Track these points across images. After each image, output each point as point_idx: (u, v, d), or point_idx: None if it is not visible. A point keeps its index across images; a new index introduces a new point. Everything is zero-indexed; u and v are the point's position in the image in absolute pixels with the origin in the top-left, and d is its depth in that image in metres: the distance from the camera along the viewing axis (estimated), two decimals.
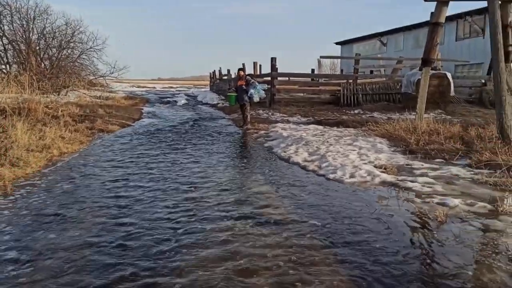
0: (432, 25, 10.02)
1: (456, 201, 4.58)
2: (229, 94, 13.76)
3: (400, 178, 5.79)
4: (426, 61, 10.19)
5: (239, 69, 13.38)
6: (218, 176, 6.08)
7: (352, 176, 5.94)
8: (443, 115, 14.25)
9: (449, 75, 15.64)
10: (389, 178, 5.78)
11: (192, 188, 5.38)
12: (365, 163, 6.67)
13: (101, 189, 5.33)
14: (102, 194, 5.09)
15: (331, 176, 6.04)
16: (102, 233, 3.81)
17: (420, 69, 10.81)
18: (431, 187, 5.27)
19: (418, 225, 3.99)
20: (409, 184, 5.44)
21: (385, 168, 6.28)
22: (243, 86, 12.49)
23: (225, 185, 5.55)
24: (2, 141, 7.96)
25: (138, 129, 11.95)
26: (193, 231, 3.85)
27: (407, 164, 6.66)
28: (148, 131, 11.48)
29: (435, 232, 3.77)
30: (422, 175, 5.93)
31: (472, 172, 6.00)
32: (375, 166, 6.47)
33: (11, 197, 4.88)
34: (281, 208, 4.56)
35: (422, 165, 6.57)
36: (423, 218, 4.18)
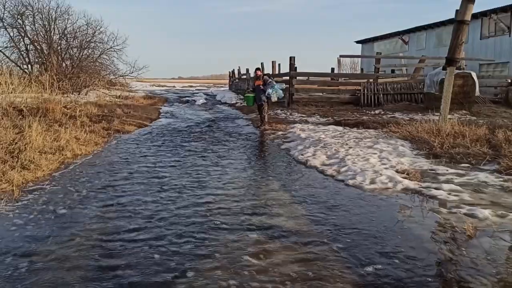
0: (457, 23, 9.59)
1: (486, 212, 4.25)
2: (246, 95, 13.53)
3: (423, 184, 5.47)
4: (451, 61, 9.75)
5: (257, 69, 13.14)
6: (232, 187, 5.85)
7: (372, 182, 5.64)
8: (467, 116, 13.74)
9: (474, 75, 15.08)
10: (412, 184, 5.46)
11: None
12: (386, 168, 6.36)
13: (97, 215, 4.40)
14: (95, 223, 4.17)
15: (351, 182, 5.75)
16: None
17: (444, 69, 10.37)
18: (457, 196, 4.94)
19: (445, 241, 3.68)
20: (434, 192, 5.11)
21: (407, 174, 5.96)
22: (261, 86, 12.26)
23: (238, 197, 5.32)
24: (17, 142, 7.91)
25: (154, 130, 11.82)
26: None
27: (431, 169, 6.32)
28: (164, 132, 11.34)
29: (463, 249, 3.46)
30: (447, 181, 5.60)
31: (501, 179, 5.63)
32: (397, 171, 6.15)
33: (17, 203, 4.74)
34: (296, 224, 4.27)
35: (447, 170, 6.22)
36: (451, 231, 3.87)
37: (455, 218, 4.17)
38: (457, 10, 9.67)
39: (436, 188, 5.25)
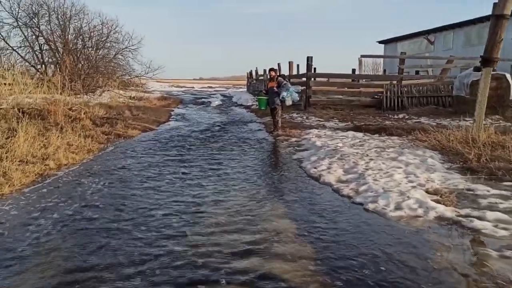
0: (496, 18, 8.46)
1: None
2: (259, 97, 12.58)
3: (462, 212, 4.43)
4: (488, 61, 8.56)
5: (270, 69, 12.08)
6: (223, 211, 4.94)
7: (398, 207, 4.62)
8: (501, 121, 12.52)
9: (508, 77, 13.83)
10: (447, 212, 4.43)
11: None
12: (414, 187, 5.33)
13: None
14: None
15: (371, 206, 4.74)
16: None
17: (477, 70, 9.20)
18: (507, 229, 3.89)
19: None
20: (476, 223, 4.07)
21: (440, 196, 4.93)
22: (274, 88, 11.29)
23: (233, 225, 4.40)
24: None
25: (159, 135, 10.99)
26: None
27: (468, 189, 5.26)
28: (169, 137, 10.48)
29: None
30: (490, 207, 4.56)
31: None
32: (427, 192, 5.13)
33: None
34: (293, 269, 3.34)
35: (488, 191, 5.16)
36: None
37: (510, 267, 3.14)
38: (495, 3, 8.53)
39: (478, 218, 4.21)
